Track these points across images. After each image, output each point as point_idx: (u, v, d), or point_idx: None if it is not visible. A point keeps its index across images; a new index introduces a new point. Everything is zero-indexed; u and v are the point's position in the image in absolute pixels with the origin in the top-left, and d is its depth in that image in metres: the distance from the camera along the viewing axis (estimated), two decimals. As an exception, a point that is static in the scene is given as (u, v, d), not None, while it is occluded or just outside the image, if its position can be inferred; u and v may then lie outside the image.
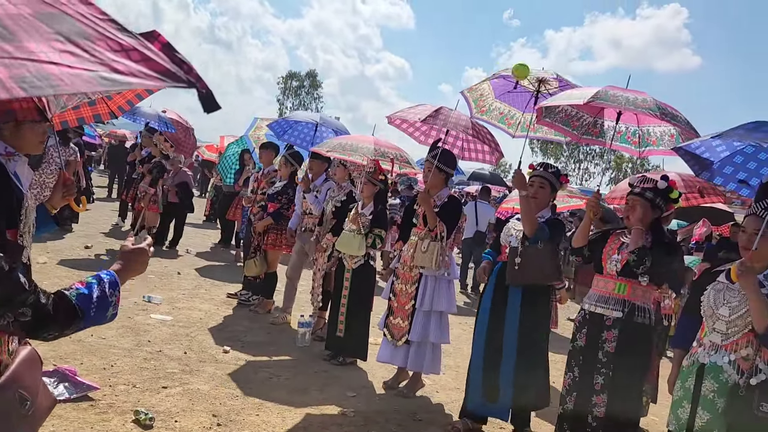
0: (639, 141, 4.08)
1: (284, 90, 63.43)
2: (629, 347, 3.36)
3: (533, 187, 4.05)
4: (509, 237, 4.09)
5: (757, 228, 2.73)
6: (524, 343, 3.95)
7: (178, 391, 4.05)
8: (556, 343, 7.25)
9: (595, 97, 3.42)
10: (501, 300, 4.02)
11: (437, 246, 4.46)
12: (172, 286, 7.06)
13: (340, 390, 4.58)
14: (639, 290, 3.40)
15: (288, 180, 6.57)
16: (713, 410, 2.73)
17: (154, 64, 1.19)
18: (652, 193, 3.44)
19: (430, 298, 4.53)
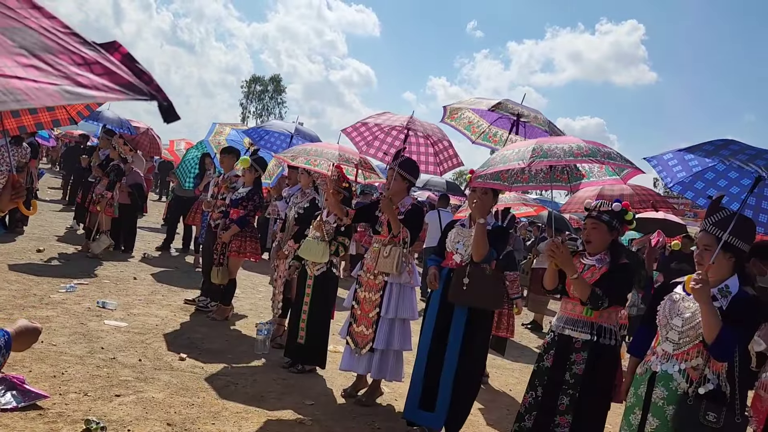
0: (568, 177, 4.17)
1: (248, 94, 62.95)
2: (597, 369, 3.37)
3: (475, 194, 4.10)
4: (456, 244, 4.13)
5: (706, 243, 2.84)
6: (468, 352, 4.01)
7: (132, 399, 3.96)
8: (513, 351, 7.37)
9: (534, 156, 3.45)
10: (447, 308, 4.06)
11: (399, 251, 4.48)
12: (127, 292, 6.90)
13: (299, 398, 4.54)
14: (605, 312, 3.41)
15: (253, 186, 6.51)
16: (662, 417, 2.82)
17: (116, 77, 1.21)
18: (608, 216, 3.48)
19: (395, 306, 4.54)
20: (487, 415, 4.94)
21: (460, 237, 4.16)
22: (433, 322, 4.13)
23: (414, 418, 4.16)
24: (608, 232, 3.49)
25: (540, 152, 3.46)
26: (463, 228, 4.20)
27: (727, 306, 2.77)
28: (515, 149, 3.70)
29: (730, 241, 2.79)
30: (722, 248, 2.79)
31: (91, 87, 1.14)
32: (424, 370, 4.11)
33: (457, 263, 4.10)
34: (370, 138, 5.26)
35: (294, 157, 5.65)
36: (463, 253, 4.10)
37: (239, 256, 6.46)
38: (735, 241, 2.81)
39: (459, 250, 4.10)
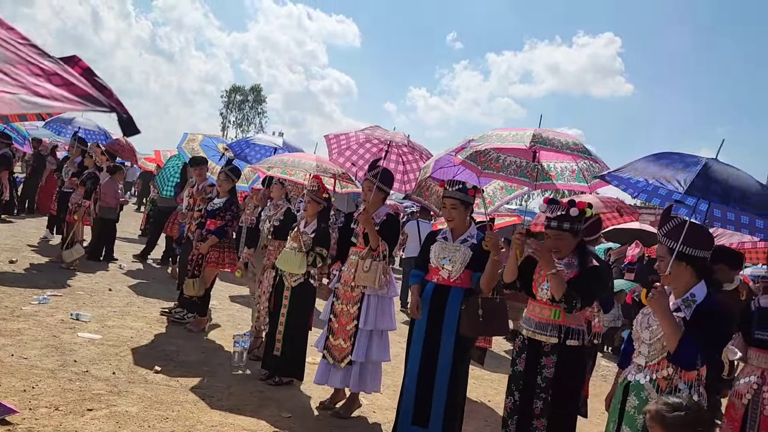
0: (537, 175, 4.19)
1: (228, 104, 62.67)
2: (566, 371, 3.43)
3: (446, 209, 4.13)
4: (441, 260, 4.10)
5: (661, 255, 2.90)
6: (457, 366, 4.01)
7: (105, 413, 3.88)
8: (492, 361, 7.38)
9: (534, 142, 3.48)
10: (436, 323, 4.04)
11: (380, 265, 4.47)
12: (102, 303, 6.79)
13: (275, 410, 4.50)
14: (572, 315, 3.46)
15: (229, 196, 6.47)
16: (633, 426, 2.86)
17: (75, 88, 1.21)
18: (568, 224, 3.48)
19: (374, 317, 4.52)
20: (466, 426, 4.92)
21: (446, 252, 4.11)
22: (422, 337, 4.10)
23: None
24: (573, 238, 3.52)
25: (540, 139, 3.52)
26: (446, 241, 4.16)
27: (692, 315, 2.78)
28: (512, 132, 3.71)
29: (682, 250, 2.79)
30: (676, 258, 2.79)
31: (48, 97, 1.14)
32: (416, 386, 4.08)
33: (444, 279, 4.08)
34: (344, 146, 5.26)
35: (270, 167, 5.63)
36: (450, 270, 4.06)
37: (218, 267, 6.41)
38: (688, 249, 2.78)
39: (446, 266, 4.08)
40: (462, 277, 4.06)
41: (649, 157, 3.07)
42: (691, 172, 2.70)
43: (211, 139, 9.40)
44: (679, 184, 2.66)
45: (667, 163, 2.88)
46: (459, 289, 4.05)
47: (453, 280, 4.06)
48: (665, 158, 2.94)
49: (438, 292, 4.09)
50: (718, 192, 2.66)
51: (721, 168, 2.80)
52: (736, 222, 3.44)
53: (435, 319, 4.06)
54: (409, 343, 4.21)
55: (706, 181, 2.69)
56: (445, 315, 4.03)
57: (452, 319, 3.99)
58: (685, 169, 2.76)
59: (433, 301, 4.09)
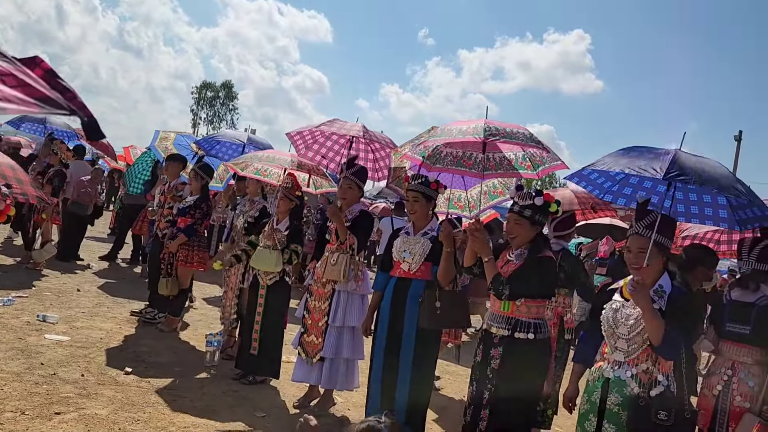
0: (532, 164, 4.21)
1: (198, 100, 61.85)
2: (511, 364, 3.36)
3: (409, 202, 4.14)
4: (402, 253, 4.11)
5: (640, 246, 2.92)
6: (420, 358, 4.02)
7: (73, 416, 3.79)
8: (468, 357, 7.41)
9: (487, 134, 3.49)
10: (398, 316, 4.05)
11: (346, 258, 4.45)
12: (70, 304, 6.64)
13: (250, 410, 4.44)
14: (522, 307, 3.39)
15: (200, 194, 6.37)
16: (618, 423, 2.86)
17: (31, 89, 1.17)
18: (530, 211, 3.45)
19: (343, 313, 4.50)
20: (441, 422, 4.94)
21: (406, 245, 4.13)
22: (384, 332, 4.10)
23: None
24: (531, 226, 3.46)
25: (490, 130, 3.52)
26: (408, 236, 4.18)
27: (666, 304, 2.85)
28: (461, 126, 3.70)
29: (660, 240, 2.88)
30: (656, 249, 2.87)
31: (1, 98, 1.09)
32: (380, 380, 4.09)
33: (405, 272, 4.10)
34: (310, 141, 5.22)
35: (245, 166, 5.55)
36: (410, 262, 4.08)
37: (187, 265, 6.31)
38: (663, 239, 2.92)
39: (406, 259, 4.09)
40: (422, 270, 4.08)
41: (618, 152, 3.15)
42: (665, 160, 2.81)
43: (184, 137, 9.27)
44: (655, 171, 2.75)
45: (637, 155, 2.99)
46: (420, 282, 4.06)
47: (413, 272, 4.08)
48: (633, 151, 3.05)
49: (399, 286, 4.10)
50: (692, 175, 2.78)
51: (690, 157, 2.95)
52: (700, 215, 3.50)
53: (396, 312, 4.07)
54: (374, 336, 4.21)
55: (680, 166, 2.81)
56: (406, 308, 4.04)
57: (413, 311, 4.01)
58: (657, 158, 2.88)
59: (394, 295, 4.10)
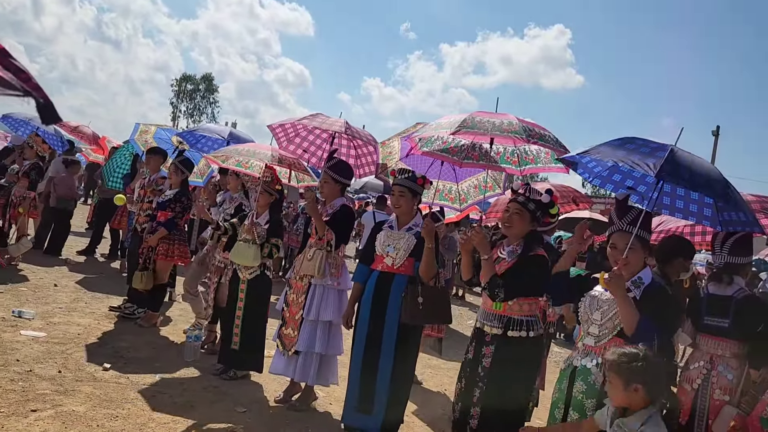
0: (518, 160, 4.23)
1: (178, 93, 61.12)
2: (503, 362, 3.38)
3: (394, 196, 4.14)
4: (386, 247, 4.11)
5: (626, 242, 2.96)
6: (401, 353, 4.03)
7: (50, 414, 3.74)
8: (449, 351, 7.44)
9: (462, 126, 3.48)
10: (380, 310, 4.06)
11: (322, 254, 4.44)
12: (47, 300, 6.54)
13: (230, 405, 4.42)
14: (515, 305, 3.42)
15: (180, 188, 6.31)
16: (582, 410, 2.94)
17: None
18: (534, 205, 3.46)
19: (317, 308, 4.49)
20: (422, 416, 4.96)
21: (390, 240, 4.14)
22: (366, 326, 4.10)
23: (352, 422, 4.14)
24: (530, 221, 3.46)
25: (469, 123, 3.51)
26: (392, 230, 4.18)
27: (641, 295, 2.92)
28: (451, 119, 3.71)
29: (641, 235, 2.97)
30: (639, 244, 2.96)
31: None
32: (360, 373, 4.09)
33: (388, 266, 4.10)
34: (292, 134, 5.17)
35: (225, 158, 5.50)
36: (394, 257, 4.08)
37: (167, 259, 6.25)
38: (644, 234, 3.01)
39: (390, 253, 4.09)
40: (405, 265, 4.08)
41: (615, 142, 3.11)
42: (659, 157, 2.78)
43: (164, 130, 9.14)
44: (649, 168, 2.74)
45: (633, 148, 2.95)
46: (402, 277, 4.07)
47: (397, 267, 4.09)
48: (630, 143, 3.00)
49: (382, 280, 4.11)
50: (685, 177, 2.78)
51: (685, 154, 2.92)
52: (684, 210, 3.53)
53: (378, 307, 4.07)
54: (355, 330, 4.20)
55: (674, 165, 2.78)
56: (389, 303, 4.05)
57: (395, 306, 4.01)
58: (652, 154, 2.85)
59: (376, 289, 4.11)
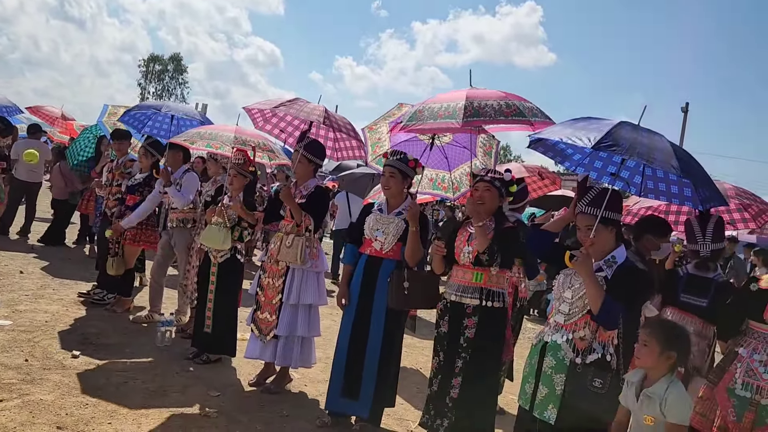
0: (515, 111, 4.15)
1: (146, 74, 59.88)
2: (486, 332, 3.52)
3: (384, 177, 4.10)
4: (375, 231, 4.07)
5: (588, 224, 2.99)
6: (389, 337, 4.02)
7: (17, 403, 3.65)
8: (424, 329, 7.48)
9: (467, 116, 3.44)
10: (368, 295, 4.03)
11: (302, 240, 4.38)
12: (12, 287, 6.38)
13: (204, 390, 4.37)
14: (493, 277, 3.56)
15: (150, 171, 6.17)
16: (550, 385, 2.97)
17: None
18: (499, 183, 3.62)
19: (297, 291, 4.45)
20: (399, 394, 4.97)
21: (379, 224, 4.08)
22: (353, 310, 4.07)
23: (338, 408, 4.10)
24: (498, 197, 3.63)
25: (472, 110, 3.48)
26: (381, 213, 4.13)
27: (612, 275, 2.94)
28: (443, 103, 3.65)
29: (606, 215, 2.95)
30: (602, 223, 2.94)
31: None
32: (346, 359, 4.06)
33: (377, 251, 4.06)
34: (269, 114, 5.06)
35: (191, 141, 5.38)
36: (383, 241, 4.04)
37: (135, 244, 6.13)
38: (611, 214, 2.98)
39: (378, 238, 4.05)
40: (394, 249, 4.05)
41: (568, 121, 3.16)
42: (601, 131, 2.83)
43: None
44: (589, 141, 2.77)
45: (583, 125, 3.00)
46: (391, 261, 4.04)
47: (385, 251, 4.05)
48: (583, 121, 3.06)
49: (370, 264, 4.07)
50: (624, 147, 2.78)
51: (631, 128, 2.95)
52: (667, 192, 3.56)
53: (366, 291, 4.04)
54: (343, 315, 4.17)
55: (615, 138, 2.81)
56: (377, 287, 4.01)
57: (383, 291, 3.98)
58: (597, 128, 2.89)
59: (365, 273, 4.07)
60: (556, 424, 2.91)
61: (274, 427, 3.94)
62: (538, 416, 2.99)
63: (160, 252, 6.05)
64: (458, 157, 4.95)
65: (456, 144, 4.87)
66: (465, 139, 4.77)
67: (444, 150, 4.87)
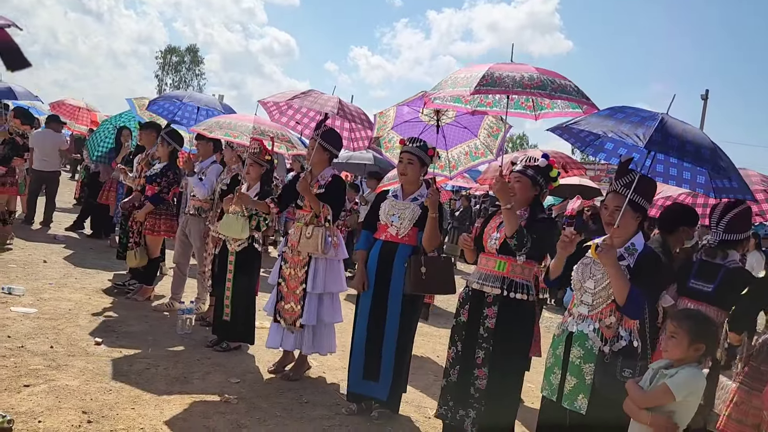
0: (533, 105, 4.12)
1: (163, 65, 60.24)
2: (508, 323, 3.45)
3: (402, 163, 4.10)
4: (390, 217, 4.09)
5: (617, 204, 2.94)
6: (405, 322, 4.04)
7: (43, 389, 3.74)
8: (440, 318, 7.51)
9: (480, 85, 3.40)
10: (384, 279, 4.05)
11: (321, 231, 4.41)
12: (36, 276, 6.51)
13: (224, 377, 4.44)
14: (518, 267, 3.47)
15: (168, 161, 6.23)
16: (579, 375, 2.92)
17: None
18: (533, 171, 3.54)
19: (322, 281, 4.50)
20: (415, 383, 5.01)
21: (395, 209, 4.10)
22: (370, 295, 4.09)
23: (359, 390, 4.14)
24: (531, 187, 3.54)
25: (489, 80, 3.41)
26: (396, 199, 4.14)
27: (634, 263, 2.90)
28: (468, 73, 3.61)
29: (636, 200, 2.91)
30: (631, 208, 2.90)
31: None
32: (365, 342, 4.09)
33: (392, 236, 4.08)
34: (284, 106, 5.09)
35: (210, 130, 5.43)
36: (399, 226, 4.05)
37: (153, 234, 6.22)
38: (640, 200, 2.93)
39: (394, 223, 4.07)
40: (410, 235, 4.07)
41: (604, 112, 3.07)
42: (649, 127, 2.74)
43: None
44: (639, 139, 2.68)
45: (623, 117, 2.89)
46: (407, 247, 4.06)
47: (401, 237, 4.07)
48: (620, 113, 2.94)
49: (386, 250, 4.09)
50: (675, 146, 2.72)
51: (675, 123, 2.86)
52: (678, 177, 3.50)
53: (383, 277, 4.06)
54: (358, 300, 4.20)
55: (664, 135, 2.74)
56: (393, 272, 4.03)
57: (400, 276, 4.00)
58: (642, 123, 2.79)
59: (380, 259, 4.09)
60: (587, 414, 2.87)
61: (293, 413, 4.00)
62: (567, 407, 2.94)
63: (178, 241, 6.13)
64: (457, 137, 4.94)
65: (457, 124, 4.86)
66: (467, 118, 4.76)
67: (443, 129, 4.86)
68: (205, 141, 5.96)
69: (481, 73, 3.48)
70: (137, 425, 3.49)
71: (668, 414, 2.58)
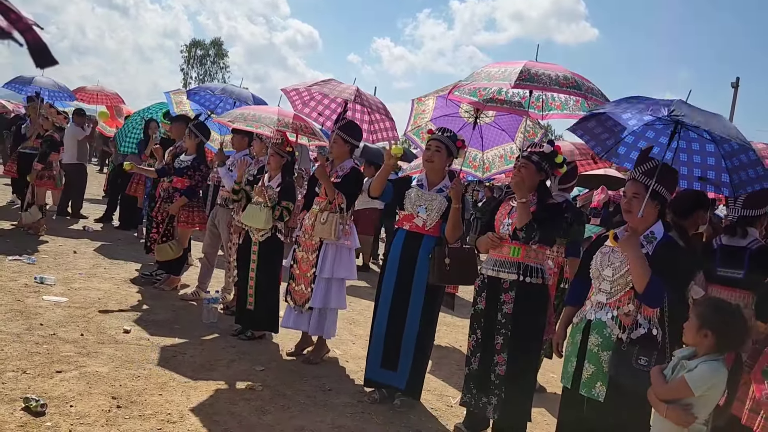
0: (542, 105, 4.15)
1: (188, 59, 60.75)
2: (525, 307, 3.52)
3: (429, 150, 4.11)
4: (417, 207, 4.09)
5: (635, 192, 2.91)
6: (427, 313, 4.06)
7: (74, 375, 3.85)
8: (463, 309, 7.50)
9: (520, 80, 3.44)
10: (408, 269, 4.07)
11: (335, 217, 4.46)
12: (67, 266, 6.67)
13: (249, 364, 4.52)
14: (531, 252, 3.55)
15: (196, 153, 6.31)
16: (597, 363, 2.91)
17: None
18: (537, 157, 3.59)
19: (331, 266, 4.57)
20: (438, 372, 5.04)
21: (422, 200, 4.10)
22: (392, 283, 4.12)
23: (376, 377, 4.18)
24: (536, 172, 3.59)
25: (527, 75, 3.48)
26: (422, 189, 4.14)
27: (653, 251, 2.86)
28: (502, 68, 3.67)
29: (657, 189, 2.88)
30: (650, 196, 2.86)
31: None
32: (385, 331, 4.13)
33: (418, 227, 4.09)
34: (307, 98, 5.14)
35: (234, 122, 5.49)
36: (425, 218, 4.06)
37: (188, 226, 6.32)
38: (661, 188, 2.90)
39: (421, 214, 4.07)
40: (435, 226, 4.09)
41: (621, 101, 3.08)
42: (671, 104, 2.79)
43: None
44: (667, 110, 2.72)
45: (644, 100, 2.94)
46: (432, 238, 4.08)
47: (427, 228, 4.08)
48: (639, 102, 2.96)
49: (410, 239, 4.11)
50: (699, 119, 2.73)
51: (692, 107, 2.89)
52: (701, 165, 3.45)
53: (407, 267, 4.08)
54: (379, 288, 4.23)
55: (688, 108, 2.80)
56: (418, 262, 4.05)
57: (424, 266, 4.02)
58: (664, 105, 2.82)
59: (405, 248, 4.11)
60: (605, 402, 2.87)
61: (317, 400, 4.06)
62: (585, 394, 2.94)
63: (208, 232, 6.23)
64: (494, 139, 4.94)
65: (495, 126, 4.84)
66: (506, 121, 4.75)
67: (481, 129, 4.85)
68: (241, 135, 6.03)
69: (518, 68, 3.53)
70: (164, 410, 3.58)
71: (686, 407, 2.56)
